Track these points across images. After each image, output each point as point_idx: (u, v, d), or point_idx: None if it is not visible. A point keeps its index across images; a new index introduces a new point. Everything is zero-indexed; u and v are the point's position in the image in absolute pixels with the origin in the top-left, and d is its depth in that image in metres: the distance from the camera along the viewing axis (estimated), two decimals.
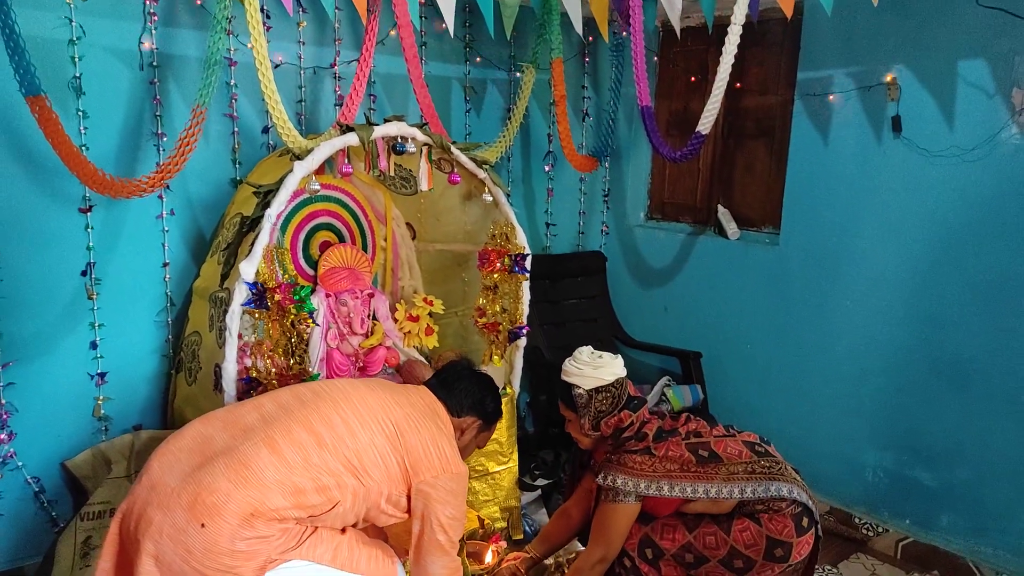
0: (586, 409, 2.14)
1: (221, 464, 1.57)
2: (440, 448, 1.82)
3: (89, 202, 2.37)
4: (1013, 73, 2.51)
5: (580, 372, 2.17)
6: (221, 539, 1.50)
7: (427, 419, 1.87)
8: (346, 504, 1.69)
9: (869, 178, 2.88)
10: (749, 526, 2.06)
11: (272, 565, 1.57)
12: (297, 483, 1.60)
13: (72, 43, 2.28)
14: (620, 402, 2.16)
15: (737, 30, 2.73)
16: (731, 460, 2.08)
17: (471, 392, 2.04)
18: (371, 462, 1.72)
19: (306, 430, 1.68)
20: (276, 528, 1.58)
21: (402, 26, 2.51)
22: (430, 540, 1.82)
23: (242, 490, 1.54)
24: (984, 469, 2.67)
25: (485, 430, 2.09)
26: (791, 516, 2.07)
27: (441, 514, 1.81)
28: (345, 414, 1.75)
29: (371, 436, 1.74)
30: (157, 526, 1.51)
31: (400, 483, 1.77)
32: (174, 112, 2.53)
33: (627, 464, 2.08)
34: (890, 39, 2.77)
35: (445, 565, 1.86)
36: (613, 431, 2.16)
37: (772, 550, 2.05)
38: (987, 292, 2.62)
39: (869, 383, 2.95)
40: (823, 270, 3.05)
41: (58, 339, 2.39)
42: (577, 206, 3.84)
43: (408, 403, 1.88)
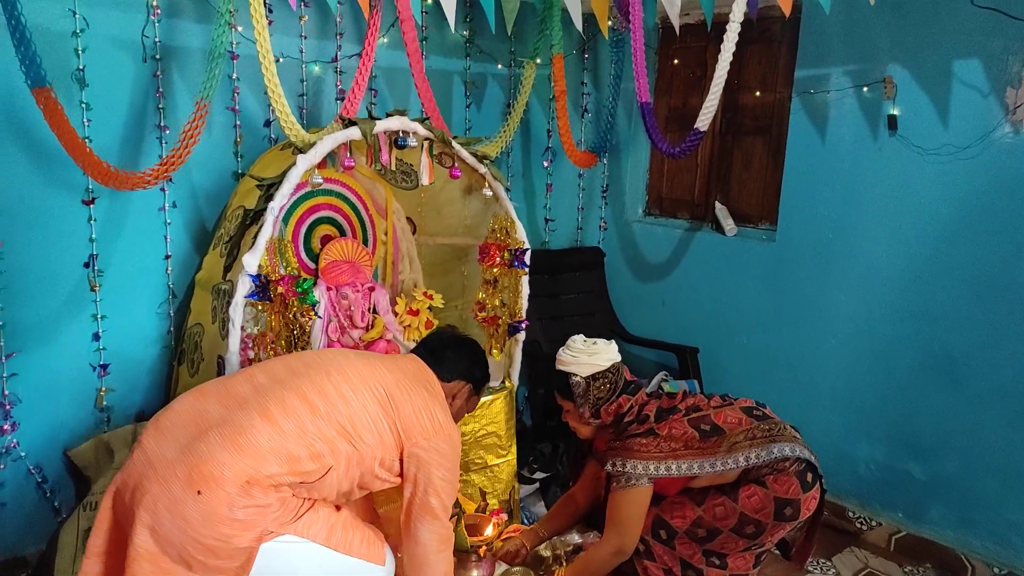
0: (584, 397, 2.15)
1: (216, 435, 1.59)
2: (432, 412, 1.84)
3: (92, 194, 2.39)
4: (1007, 72, 2.54)
5: (576, 360, 2.17)
6: (219, 507, 1.52)
7: (418, 385, 1.88)
8: (340, 470, 1.71)
9: (865, 175, 2.91)
10: (756, 491, 2.09)
11: (268, 537, 1.59)
12: (292, 451, 1.63)
13: (76, 35, 2.29)
14: (618, 387, 2.17)
15: (736, 28, 2.75)
16: (732, 430, 2.10)
17: (459, 358, 2.05)
18: (364, 427, 1.74)
19: (300, 399, 1.70)
20: (273, 497, 1.60)
21: (404, 20, 2.52)
22: (421, 503, 1.83)
23: (238, 458, 1.56)
24: (973, 461, 2.71)
25: (475, 394, 2.11)
26: (795, 474, 2.09)
27: (433, 476, 1.81)
28: (337, 382, 1.76)
29: (363, 402, 1.76)
30: (153, 497, 1.53)
31: (393, 448, 1.79)
32: (177, 104, 2.54)
33: (633, 448, 2.09)
34: (887, 38, 2.79)
35: (435, 530, 1.85)
36: (614, 417, 2.16)
37: (781, 510, 2.07)
38: (978, 288, 2.66)
39: (862, 377, 2.98)
40: (819, 266, 3.08)
41: (61, 330, 2.41)
42: (576, 201, 3.87)
43: (399, 370, 1.89)
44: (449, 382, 2.01)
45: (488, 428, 2.72)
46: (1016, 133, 2.55)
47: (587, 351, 2.18)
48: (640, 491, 2.07)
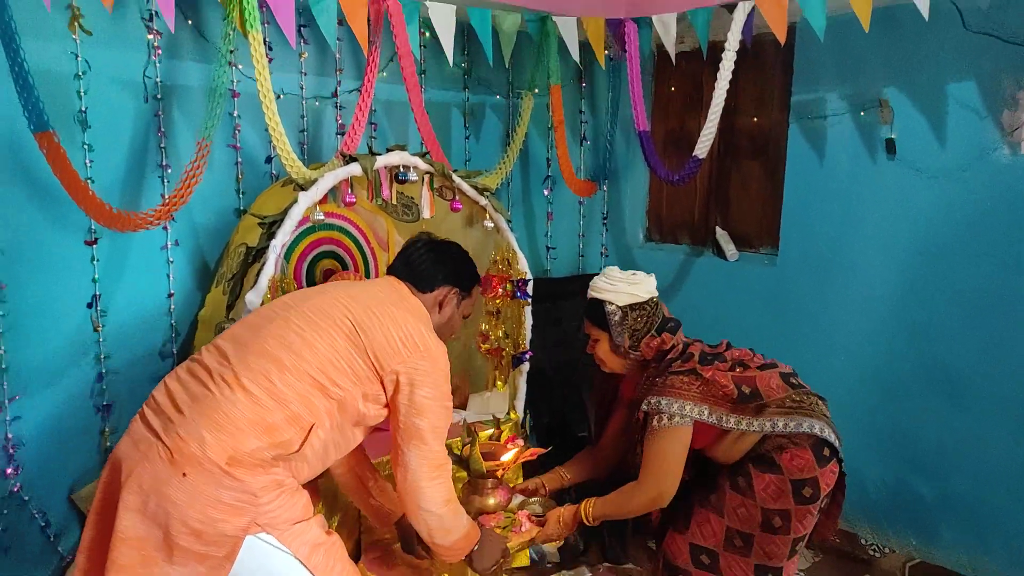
0: (620, 327, 2.03)
1: (195, 412, 1.53)
2: (405, 332, 1.71)
3: (95, 234, 2.39)
4: (1002, 94, 2.56)
5: (613, 288, 2.04)
6: (206, 488, 1.48)
7: (387, 306, 1.74)
8: (324, 426, 1.65)
9: (864, 197, 2.92)
10: (770, 480, 1.96)
11: (255, 530, 1.53)
12: (267, 419, 1.56)
13: (78, 77, 2.30)
14: (655, 323, 2.05)
15: (731, 56, 2.79)
16: (770, 398, 1.98)
17: (438, 263, 1.90)
18: (337, 371, 1.65)
19: (264, 358, 1.60)
20: (262, 480, 1.54)
21: (402, 56, 2.55)
22: (407, 427, 1.71)
23: (217, 435, 1.50)
24: (982, 480, 2.69)
25: (466, 297, 1.96)
26: (811, 447, 1.97)
27: (416, 396, 1.70)
28: (299, 327, 1.66)
29: (330, 341, 1.65)
30: (137, 478, 1.49)
31: (372, 380, 1.69)
32: (179, 142, 2.55)
33: (675, 386, 1.96)
34: (881, 61, 2.82)
35: (425, 455, 1.72)
36: (656, 353, 2.03)
37: (800, 491, 1.95)
38: (979, 306, 2.66)
39: (867, 397, 2.97)
40: (821, 288, 3.08)
41: (64, 371, 2.39)
42: (577, 228, 3.88)
43: (365, 295, 1.77)
44: (431, 291, 1.88)
45: None
46: (1014, 153, 2.56)
47: (627, 280, 2.05)
48: (681, 431, 1.93)
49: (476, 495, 2.11)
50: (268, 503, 1.54)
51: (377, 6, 2.49)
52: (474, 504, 2.09)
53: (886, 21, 2.72)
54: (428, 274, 1.88)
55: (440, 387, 1.74)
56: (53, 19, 2.21)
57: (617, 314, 2.03)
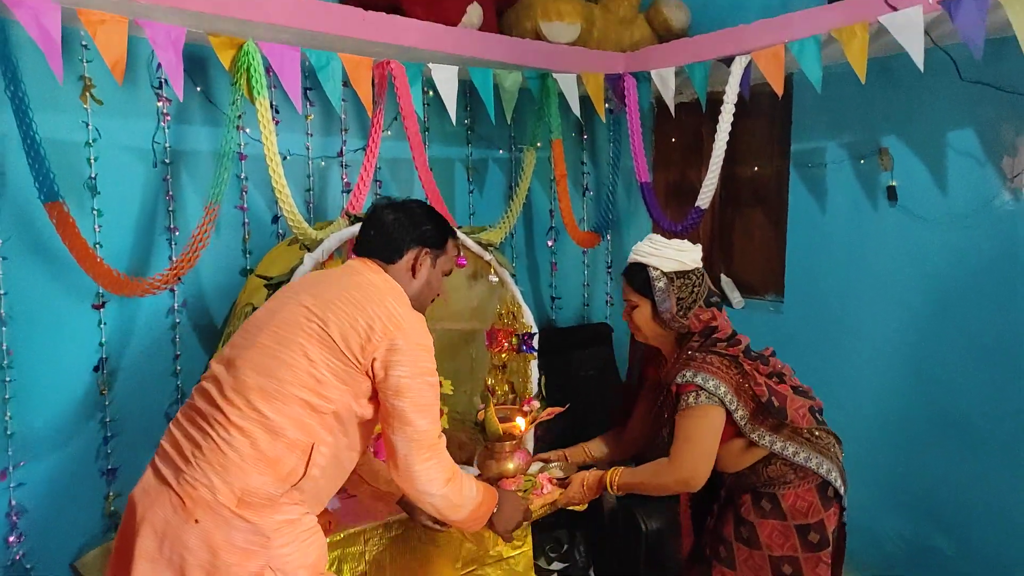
0: (665, 294, 1.93)
1: (200, 459, 1.51)
2: (370, 315, 1.60)
3: (102, 298, 2.40)
4: (1001, 141, 2.58)
5: (658, 252, 1.96)
6: (218, 532, 1.46)
7: (349, 291, 1.64)
8: (326, 440, 1.59)
9: (868, 244, 2.93)
10: (773, 526, 1.92)
11: (269, 574, 1.50)
12: (268, 453, 1.52)
13: (88, 145, 2.35)
14: (702, 295, 1.96)
15: (730, 108, 2.83)
16: (792, 422, 1.92)
17: (398, 227, 1.76)
18: (319, 383, 1.57)
19: (247, 391, 1.55)
20: (272, 520, 1.51)
21: (406, 116, 2.59)
22: (390, 409, 1.61)
23: (224, 478, 1.48)
24: (1002, 533, 2.63)
25: (441, 254, 1.82)
26: (815, 487, 1.93)
27: (392, 375, 1.59)
28: (272, 349, 1.58)
29: (303, 352, 1.57)
30: (150, 524, 1.48)
31: (357, 377, 1.60)
32: (187, 205, 2.59)
33: (713, 364, 1.88)
34: (880, 111, 2.85)
35: (410, 437, 1.62)
36: (704, 327, 1.94)
37: (806, 537, 1.90)
38: (990, 354, 2.63)
39: (880, 448, 2.92)
40: (827, 335, 3.06)
41: (70, 436, 2.39)
42: (581, 278, 3.88)
43: (325, 287, 1.67)
44: (400, 259, 1.75)
45: None
46: (1016, 200, 2.57)
47: (673, 246, 1.97)
48: (713, 411, 1.84)
49: (493, 460, 2.03)
50: (281, 546, 1.52)
51: (381, 69, 2.55)
52: (492, 469, 2.02)
53: (882, 71, 2.77)
54: (392, 242, 1.75)
55: (418, 362, 1.62)
56: (65, 90, 2.26)
57: (662, 280, 1.94)
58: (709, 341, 1.92)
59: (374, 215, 1.80)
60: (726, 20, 2.91)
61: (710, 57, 2.88)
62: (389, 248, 1.75)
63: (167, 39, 2.08)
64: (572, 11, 3.00)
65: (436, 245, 1.80)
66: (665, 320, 1.95)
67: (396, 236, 1.75)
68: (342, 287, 1.66)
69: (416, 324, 1.65)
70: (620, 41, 3.20)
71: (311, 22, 2.30)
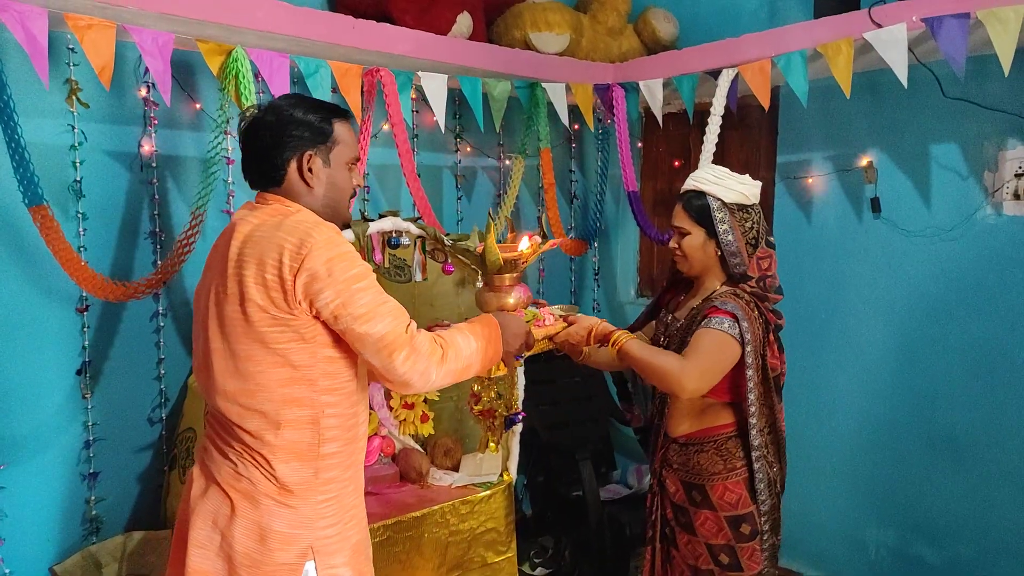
0: (728, 226, 1.85)
1: (232, 453, 1.50)
2: (270, 258, 1.41)
3: (86, 301, 2.39)
4: (983, 156, 2.62)
5: (719, 181, 1.86)
6: (261, 519, 1.47)
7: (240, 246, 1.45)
8: (328, 401, 1.49)
9: (853, 256, 2.96)
10: (705, 516, 1.92)
11: (311, 556, 1.49)
12: (282, 442, 1.47)
13: (74, 148, 2.34)
14: (760, 236, 1.90)
15: (717, 120, 2.85)
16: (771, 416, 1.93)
17: (271, 141, 1.51)
18: (280, 355, 1.44)
19: (235, 397, 1.47)
20: (316, 500, 1.49)
21: (395, 124, 2.60)
22: (347, 338, 1.45)
23: (260, 471, 1.48)
24: (987, 546, 2.66)
25: (331, 146, 1.53)
26: (744, 481, 1.90)
27: (323, 308, 1.42)
28: (222, 351, 1.47)
29: (248, 337, 1.43)
30: (200, 515, 1.50)
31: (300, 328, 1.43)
32: (172, 210, 2.58)
33: (753, 314, 1.83)
34: (864, 125, 2.88)
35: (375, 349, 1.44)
36: (761, 275, 1.88)
37: (738, 528, 1.90)
38: (974, 367, 2.67)
39: (866, 458, 2.95)
40: (812, 346, 3.08)
41: (51, 440, 2.37)
42: (568, 285, 3.90)
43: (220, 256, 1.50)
44: (284, 176, 1.51)
45: (487, 524, 2.66)
46: (998, 214, 2.60)
47: (736, 177, 1.88)
48: (735, 347, 1.79)
49: (493, 292, 1.89)
50: (323, 528, 1.52)
51: (370, 77, 2.55)
52: (492, 303, 1.89)
53: (867, 87, 2.80)
54: (267, 160, 1.52)
55: (338, 278, 1.41)
56: (51, 94, 2.25)
57: (723, 211, 1.85)
58: (759, 293, 1.87)
59: (245, 137, 1.55)
60: (714, 33, 2.94)
61: (698, 69, 2.91)
62: (269, 169, 1.52)
63: (155, 45, 2.08)
64: (561, 22, 3.02)
65: (319, 140, 1.53)
66: (729, 253, 1.86)
67: (270, 154, 1.51)
68: (235, 241, 1.47)
69: (320, 239, 1.41)
70: (609, 52, 3.22)
71: (301, 29, 2.30)
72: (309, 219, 1.47)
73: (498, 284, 1.89)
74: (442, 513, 2.51)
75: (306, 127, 1.52)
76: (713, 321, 1.82)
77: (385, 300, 1.48)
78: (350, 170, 1.59)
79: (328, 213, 1.55)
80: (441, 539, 2.52)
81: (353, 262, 1.44)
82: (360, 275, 1.45)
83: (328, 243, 1.42)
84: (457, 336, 1.59)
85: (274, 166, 1.51)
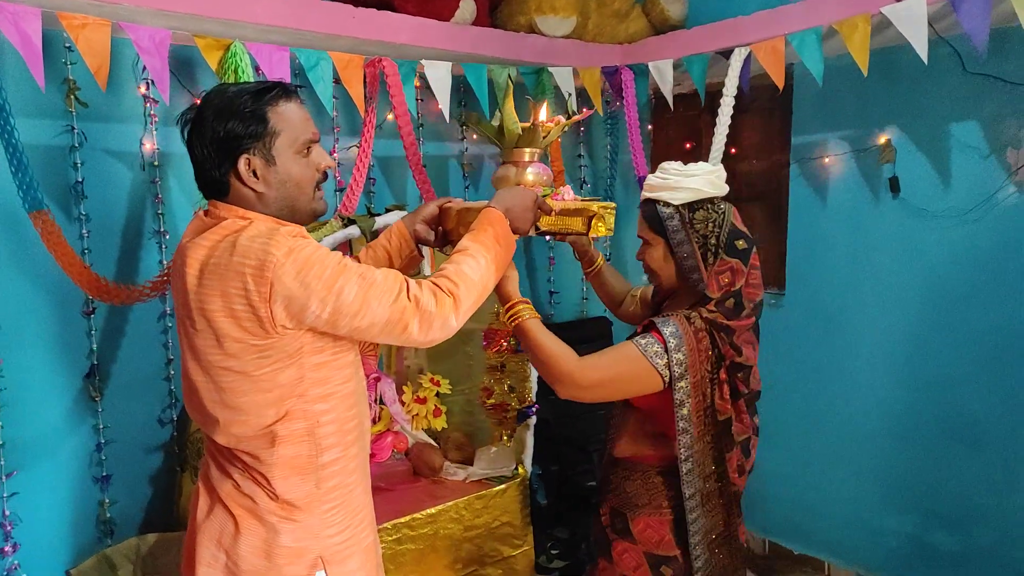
0: (682, 232, 1.61)
1: (234, 473, 1.46)
2: (234, 287, 1.29)
3: (92, 305, 2.37)
4: (1005, 134, 2.53)
5: (665, 183, 1.63)
6: (268, 536, 1.43)
7: (200, 277, 1.33)
8: (320, 409, 1.41)
9: (869, 238, 2.88)
10: (624, 547, 1.71)
11: (320, 565, 1.46)
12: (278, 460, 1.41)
13: (74, 149, 2.30)
14: (723, 230, 1.60)
15: (730, 101, 2.77)
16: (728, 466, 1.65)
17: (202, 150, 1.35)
18: (265, 382, 1.35)
19: (226, 427, 1.41)
20: (320, 512, 1.44)
21: (399, 115, 2.54)
22: (362, 335, 1.36)
23: (261, 490, 1.44)
24: (1005, 532, 2.61)
25: (272, 137, 1.35)
26: (672, 523, 1.66)
27: (315, 323, 1.32)
28: (207, 387, 1.39)
29: (230, 371, 1.35)
30: (205, 533, 1.47)
31: (285, 347, 1.34)
32: (175, 209, 2.54)
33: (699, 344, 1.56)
34: (881, 103, 2.80)
35: (385, 330, 1.35)
36: (723, 294, 1.59)
37: (658, 569, 1.68)
38: (993, 352, 2.60)
39: (882, 445, 2.90)
40: (829, 331, 3.03)
41: (62, 444, 2.36)
42: (579, 273, 3.83)
43: (183, 295, 1.37)
44: (229, 186, 1.37)
45: (501, 519, 2.64)
46: (1020, 193, 2.52)
47: (684, 172, 1.63)
48: (651, 378, 1.54)
49: (511, 167, 1.70)
50: (331, 536, 1.48)
51: (373, 67, 2.50)
52: (509, 179, 1.71)
53: (885, 64, 2.71)
54: (205, 174, 1.37)
55: (317, 289, 1.29)
56: (49, 94, 2.21)
57: (674, 217, 1.62)
58: (717, 321, 1.58)
59: (187, 145, 1.41)
60: (724, 11, 2.85)
61: (708, 50, 2.83)
62: (211, 182, 1.38)
63: (152, 42, 2.03)
64: (566, 4, 2.94)
65: (254, 136, 1.34)
66: (687, 268, 1.62)
67: (206, 166, 1.36)
68: (191, 286, 1.34)
69: (279, 255, 1.27)
70: (616, 34, 3.14)
71: (299, 21, 2.25)
72: (262, 231, 1.31)
73: (516, 158, 1.70)
74: (456, 509, 2.49)
75: (237, 120, 1.32)
76: (641, 340, 1.57)
77: (371, 281, 1.34)
78: (307, 155, 1.39)
79: (287, 215, 1.40)
80: (456, 535, 2.50)
81: (323, 262, 1.31)
82: (336, 271, 1.31)
83: (289, 255, 1.28)
84: (463, 265, 1.43)
85: (214, 179, 1.37)
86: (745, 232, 1.64)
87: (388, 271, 1.38)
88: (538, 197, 1.58)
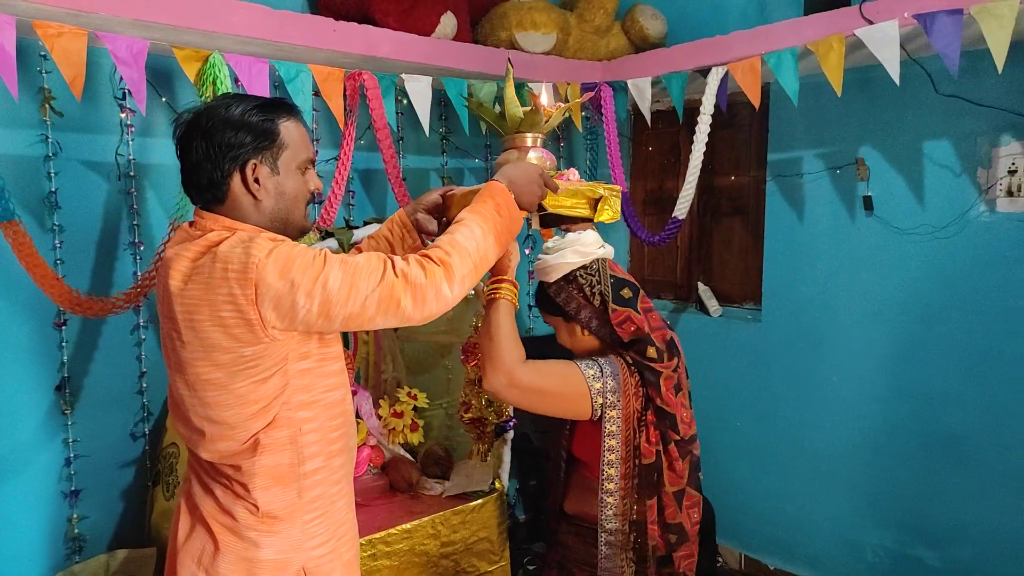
0: (570, 302, 1.67)
1: (214, 487, 1.44)
2: (220, 294, 1.28)
3: (64, 316, 2.33)
4: (976, 153, 2.59)
5: (543, 266, 1.70)
6: (247, 552, 1.40)
7: (185, 287, 1.31)
8: (303, 417, 1.39)
9: (846, 255, 2.92)
10: None
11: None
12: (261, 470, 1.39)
13: (48, 159, 2.28)
14: (606, 287, 1.65)
15: (707, 119, 2.81)
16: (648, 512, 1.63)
17: (208, 153, 1.34)
18: (249, 395, 1.34)
19: (211, 442, 1.39)
20: (301, 522, 1.42)
21: (379, 128, 2.54)
22: (358, 321, 1.32)
23: (241, 504, 1.42)
24: (986, 547, 2.63)
25: (279, 149, 1.37)
26: None
27: (308, 322, 1.30)
28: (189, 399, 1.38)
29: (218, 385, 1.33)
30: (186, 552, 1.44)
31: (273, 353, 1.32)
32: (151, 220, 2.51)
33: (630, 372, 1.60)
34: (856, 122, 2.85)
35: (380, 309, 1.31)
36: (630, 338, 1.62)
37: None
38: (971, 366, 2.64)
39: (862, 459, 2.92)
40: (806, 346, 3.05)
41: (31, 459, 2.31)
42: None
43: (170, 309, 1.34)
44: (227, 192, 1.36)
45: (479, 534, 2.63)
46: (991, 211, 2.57)
47: (553, 248, 1.68)
48: (578, 398, 1.56)
49: (513, 152, 1.67)
50: (314, 547, 1.45)
51: (353, 80, 2.50)
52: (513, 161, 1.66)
53: (859, 83, 2.76)
54: (204, 177, 1.35)
55: (298, 278, 1.27)
56: (23, 103, 2.19)
57: (561, 292, 1.67)
58: (641, 363, 1.61)
59: (179, 147, 1.38)
60: (703, 30, 2.89)
61: (687, 68, 2.86)
62: (208, 186, 1.35)
63: (129, 53, 2.02)
64: (547, 21, 2.96)
65: (264, 144, 1.35)
66: (594, 332, 1.67)
67: (207, 167, 1.34)
68: (176, 299, 1.32)
69: (260, 256, 1.27)
70: (596, 51, 3.17)
71: (279, 33, 2.24)
72: (243, 238, 1.30)
73: (519, 143, 1.67)
74: (433, 524, 2.47)
75: (247, 130, 1.33)
76: (581, 363, 1.61)
77: (354, 265, 1.31)
78: (304, 173, 1.41)
79: (279, 227, 1.39)
80: (433, 551, 2.47)
81: (303, 257, 1.29)
82: (318, 263, 1.30)
83: (270, 255, 1.27)
84: (456, 235, 1.38)
85: (213, 182, 1.34)
86: (626, 279, 1.69)
87: (370, 254, 1.35)
88: (544, 171, 1.54)
